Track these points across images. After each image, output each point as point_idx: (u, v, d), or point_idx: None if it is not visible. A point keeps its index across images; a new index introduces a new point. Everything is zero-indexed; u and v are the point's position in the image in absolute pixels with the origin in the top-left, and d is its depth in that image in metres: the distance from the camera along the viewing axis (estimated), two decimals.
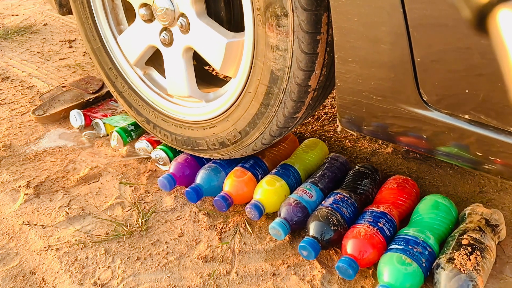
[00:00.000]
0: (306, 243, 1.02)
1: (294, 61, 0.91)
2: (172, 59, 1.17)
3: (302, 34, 0.87)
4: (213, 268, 1.08)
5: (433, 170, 1.34)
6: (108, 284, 1.06)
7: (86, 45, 1.39)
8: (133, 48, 1.27)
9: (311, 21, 0.85)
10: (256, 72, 1.00)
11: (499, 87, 0.68)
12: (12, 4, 3.02)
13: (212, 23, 1.06)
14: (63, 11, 1.45)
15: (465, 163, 0.85)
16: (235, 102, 1.10)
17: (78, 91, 1.80)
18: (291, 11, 0.85)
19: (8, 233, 1.22)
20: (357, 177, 1.21)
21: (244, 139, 1.13)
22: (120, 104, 1.42)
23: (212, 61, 1.08)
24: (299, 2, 0.83)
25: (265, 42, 0.94)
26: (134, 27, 1.23)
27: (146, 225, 1.21)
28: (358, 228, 1.02)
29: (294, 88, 0.96)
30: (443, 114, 0.78)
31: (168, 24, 1.11)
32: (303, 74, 0.93)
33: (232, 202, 1.18)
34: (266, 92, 1.01)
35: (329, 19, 0.86)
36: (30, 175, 1.42)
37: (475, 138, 0.77)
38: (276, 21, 0.88)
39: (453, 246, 0.97)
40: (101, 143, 1.56)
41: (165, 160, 1.38)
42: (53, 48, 2.35)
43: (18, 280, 1.08)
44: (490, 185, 1.27)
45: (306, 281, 1.03)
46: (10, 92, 1.91)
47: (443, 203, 1.08)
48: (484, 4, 0.63)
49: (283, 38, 0.90)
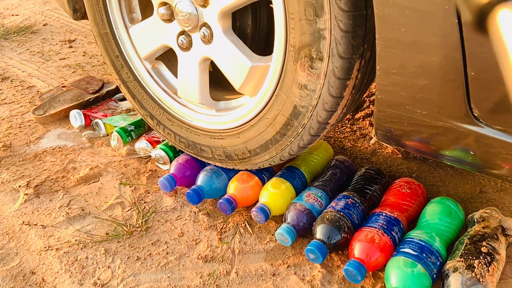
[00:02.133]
0: (314, 247, 1.01)
1: (320, 102, 0.91)
2: (188, 64, 1.13)
3: (333, 79, 0.87)
4: (213, 268, 1.08)
5: (433, 170, 1.34)
6: (108, 284, 1.06)
7: (93, 28, 1.32)
8: (145, 43, 1.22)
9: (345, 68, 0.85)
10: (278, 102, 0.99)
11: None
12: (12, 4, 3.02)
13: (237, 42, 1.03)
14: (76, 16, 1.41)
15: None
16: (249, 122, 1.08)
17: (78, 91, 1.80)
18: (327, 57, 0.84)
19: (8, 233, 1.22)
20: (366, 181, 1.19)
21: (253, 158, 1.12)
22: (123, 93, 1.37)
23: (231, 79, 1.06)
24: (337, 50, 0.82)
25: (294, 78, 0.93)
26: (150, 22, 1.16)
27: (146, 225, 1.21)
28: (372, 234, 1.01)
29: (314, 125, 0.96)
30: (495, 130, 0.74)
31: (189, 30, 1.07)
32: (326, 114, 0.93)
33: (236, 206, 1.18)
34: (285, 123, 1.00)
35: (360, 65, 0.86)
36: (30, 175, 1.42)
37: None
38: (310, 63, 0.88)
39: (471, 251, 0.94)
40: (101, 143, 1.56)
41: (165, 159, 1.38)
42: (53, 48, 2.35)
43: (18, 280, 1.08)
44: (490, 185, 1.27)
45: (306, 281, 1.03)
46: (10, 92, 1.91)
47: (450, 206, 1.08)
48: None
49: (313, 80, 0.89)
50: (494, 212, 1.05)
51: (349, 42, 0.81)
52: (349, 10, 0.78)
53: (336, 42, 0.82)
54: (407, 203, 1.12)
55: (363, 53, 0.84)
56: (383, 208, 1.09)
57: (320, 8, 0.80)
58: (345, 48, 0.82)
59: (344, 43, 0.81)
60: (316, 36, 0.84)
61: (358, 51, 0.84)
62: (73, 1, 1.38)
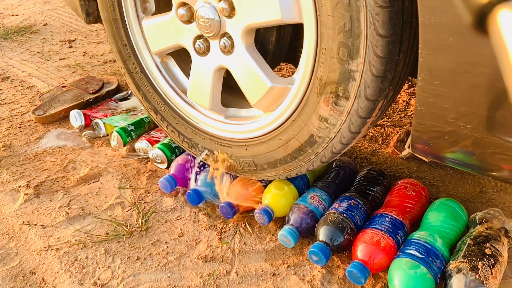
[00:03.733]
0: (317, 249, 1.01)
1: (338, 136, 0.92)
2: (202, 70, 1.10)
3: (356, 118, 0.87)
4: (213, 268, 1.08)
5: (433, 170, 1.34)
6: (108, 284, 1.06)
7: (102, 12, 1.24)
8: (158, 40, 1.17)
9: (368, 109, 0.85)
10: (294, 127, 0.98)
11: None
12: (12, 4, 3.02)
13: (259, 59, 0.99)
14: (89, 19, 1.37)
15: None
16: (259, 137, 1.07)
17: (78, 91, 1.80)
18: (353, 97, 0.85)
19: (8, 233, 1.21)
20: (368, 182, 1.19)
21: (259, 172, 1.12)
22: (127, 82, 1.33)
23: (248, 94, 1.03)
24: (365, 92, 0.83)
25: (315, 109, 0.92)
26: (166, 20, 1.11)
27: (146, 225, 1.21)
28: (376, 236, 1.00)
29: (328, 155, 0.96)
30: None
31: (208, 36, 1.03)
32: (341, 146, 0.94)
33: (237, 210, 1.17)
34: (298, 148, 1.00)
35: (382, 105, 0.87)
36: (30, 175, 1.42)
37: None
38: (335, 100, 0.88)
39: (474, 252, 0.94)
40: (101, 143, 1.56)
41: (162, 158, 1.38)
42: (53, 48, 2.35)
43: (18, 280, 1.08)
44: (490, 185, 1.27)
45: (306, 281, 1.03)
46: (10, 92, 1.91)
47: (453, 207, 1.08)
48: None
49: (336, 115, 0.89)
50: (497, 214, 1.05)
51: (378, 85, 0.82)
52: (383, 57, 0.78)
53: (366, 85, 0.82)
54: (410, 205, 1.11)
55: (387, 94, 0.85)
56: (387, 209, 1.09)
57: (355, 51, 0.80)
58: (373, 91, 0.82)
59: (373, 87, 0.82)
60: (346, 77, 0.83)
61: (383, 93, 0.84)
62: (86, 5, 1.35)
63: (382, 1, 0.73)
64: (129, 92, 1.79)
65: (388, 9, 0.73)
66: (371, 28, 0.76)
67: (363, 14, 0.75)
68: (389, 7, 0.73)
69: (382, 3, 0.73)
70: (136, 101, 1.72)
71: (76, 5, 1.37)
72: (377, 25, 0.75)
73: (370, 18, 0.75)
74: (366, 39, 0.77)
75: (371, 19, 0.75)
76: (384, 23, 0.74)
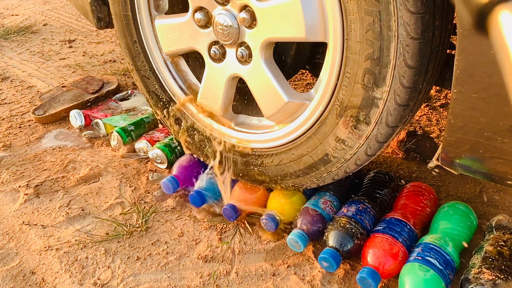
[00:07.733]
0: (328, 255, 0.99)
1: (354, 158, 0.92)
2: (216, 76, 1.07)
3: (374, 143, 0.87)
4: (213, 268, 1.08)
5: (433, 170, 1.34)
6: (108, 284, 1.06)
7: (113, 7, 1.21)
8: (171, 41, 1.14)
9: (387, 135, 0.86)
10: (308, 143, 0.97)
11: None
12: (12, 4, 3.02)
13: (277, 73, 0.97)
14: (100, 25, 1.36)
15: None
16: (269, 150, 1.05)
17: (78, 91, 1.80)
18: (374, 123, 0.85)
19: (8, 233, 1.21)
20: (376, 186, 1.18)
21: (267, 182, 1.11)
22: (134, 80, 1.31)
23: (262, 107, 1.01)
24: (386, 120, 0.83)
25: (333, 130, 0.91)
26: (181, 22, 1.08)
27: (146, 225, 1.21)
28: (387, 241, 0.99)
29: (340, 173, 0.97)
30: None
31: (225, 44, 1.00)
32: (355, 167, 0.94)
33: (241, 213, 1.17)
34: (310, 165, 0.99)
35: (400, 129, 0.87)
36: (30, 175, 1.42)
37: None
38: (354, 123, 0.87)
39: (493, 259, 0.92)
40: (101, 143, 1.56)
41: (162, 158, 1.38)
42: (53, 48, 2.35)
43: (18, 280, 1.08)
44: (490, 185, 1.27)
45: (306, 281, 1.03)
46: (10, 92, 1.91)
47: (463, 211, 1.07)
48: None
49: (354, 138, 0.89)
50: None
51: (400, 113, 0.82)
52: (409, 87, 0.78)
53: (388, 112, 0.82)
54: (420, 208, 1.10)
55: (406, 120, 0.85)
56: (397, 213, 1.08)
57: (381, 80, 0.79)
58: (394, 119, 0.82)
59: (395, 114, 0.82)
60: (369, 103, 0.83)
61: (403, 120, 0.84)
62: (97, 10, 1.34)
63: (414, 32, 0.72)
64: (129, 92, 1.79)
65: (419, 41, 0.73)
66: (400, 58, 0.75)
67: (393, 44, 0.75)
68: (420, 38, 0.73)
69: (414, 34, 0.72)
70: (136, 101, 1.71)
71: (87, 10, 1.36)
72: (407, 56, 0.75)
73: (401, 48, 0.74)
74: (394, 69, 0.77)
75: (401, 50, 0.75)
76: (414, 54, 0.74)
